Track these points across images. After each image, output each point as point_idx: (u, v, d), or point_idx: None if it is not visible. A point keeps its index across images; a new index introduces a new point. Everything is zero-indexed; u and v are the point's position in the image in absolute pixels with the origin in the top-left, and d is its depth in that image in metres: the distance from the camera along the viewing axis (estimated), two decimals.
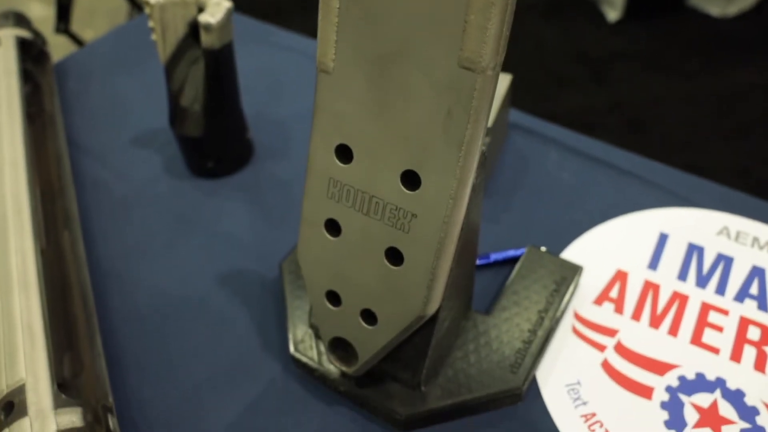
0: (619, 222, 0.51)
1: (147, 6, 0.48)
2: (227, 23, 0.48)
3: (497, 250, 0.48)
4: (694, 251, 0.48)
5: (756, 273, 0.47)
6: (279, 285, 0.47)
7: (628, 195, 0.53)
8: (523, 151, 0.57)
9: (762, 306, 0.45)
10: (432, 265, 0.31)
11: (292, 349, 0.42)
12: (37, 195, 0.48)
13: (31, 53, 0.61)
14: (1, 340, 0.38)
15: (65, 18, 1.19)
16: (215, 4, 0.48)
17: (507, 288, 0.44)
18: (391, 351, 0.36)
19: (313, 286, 0.36)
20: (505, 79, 0.53)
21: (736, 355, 0.42)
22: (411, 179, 0.30)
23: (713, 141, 1.40)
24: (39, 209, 0.46)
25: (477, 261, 0.46)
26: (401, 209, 0.31)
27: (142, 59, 0.70)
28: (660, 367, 0.42)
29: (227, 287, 0.48)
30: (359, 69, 0.29)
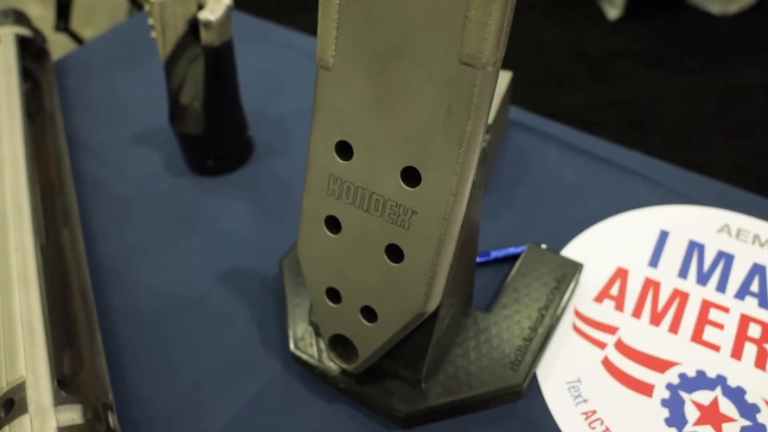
0: (620, 219, 0.51)
1: (147, 3, 0.48)
2: (227, 20, 0.48)
3: (497, 247, 0.48)
4: (694, 249, 0.48)
5: (757, 270, 0.47)
6: (279, 282, 0.47)
7: (628, 192, 0.53)
8: (524, 149, 0.57)
9: (763, 303, 0.45)
10: (432, 262, 0.31)
11: (292, 347, 0.42)
12: (37, 193, 0.48)
13: (31, 51, 0.61)
14: (1, 337, 0.38)
15: (65, 16, 1.19)
16: (215, 1, 0.48)
17: (507, 285, 0.44)
18: (392, 348, 0.36)
19: (313, 283, 0.36)
20: (506, 77, 0.53)
21: (736, 353, 0.42)
22: (411, 176, 0.30)
23: (713, 139, 1.40)
24: (39, 207, 0.46)
25: (477, 258, 0.46)
26: (401, 206, 0.31)
27: (141, 57, 0.69)
28: (660, 365, 0.42)
29: (227, 285, 0.48)
30: (359, 65, 0.29)
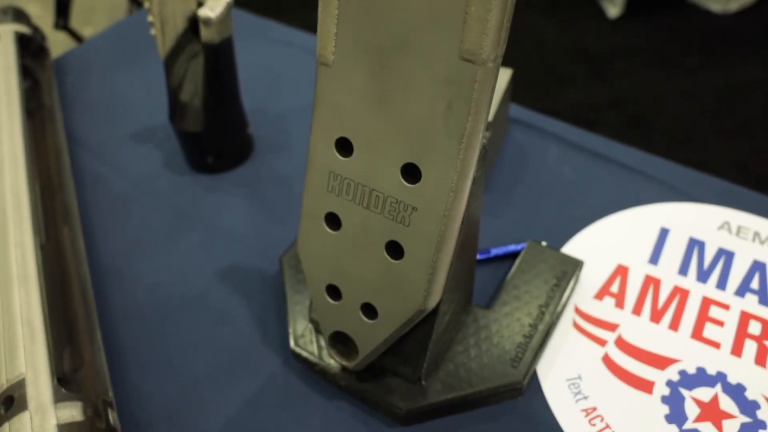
0: (620, 217, 0.51)
1: (146, 1, 0.48)
2: (227, 17, 0.48)
3: (497, 245, 0.48)
4: (695, 246, 0.48)
5: (757, 267, 0.47)
6: (279, 280, 0.47)
7: (628, 190, 0.53)
8: (524, 146, 0.57)
9: (763, 300, 0.45)
10: (432, 259, 0.31)
11: (292, 344, 0.42)
12: (37, 191, 0.48)
13: (30, 49, 0.61)
14: (1, 334, 0.38)
15: (64, 14, 1.19)
16: None
17: (507, 282, 0.44)
18: (392, 345, 0.36)
19: (314, 280, 0.36)
20: (506, 74, 0.53)
21: (736, 350, 0.42)
22: (411, 172, 0.30)
23: (713, 137, 1.40)
24: (39, 205, 0.46)
25: (477, 255, 0.46)
26: (401, 202, 0.31)
27: (141, 55, 0.69)
28: (661, 362, 0.42)
29: (227, 282, 0.48)
30: (359, 61, 0.29)
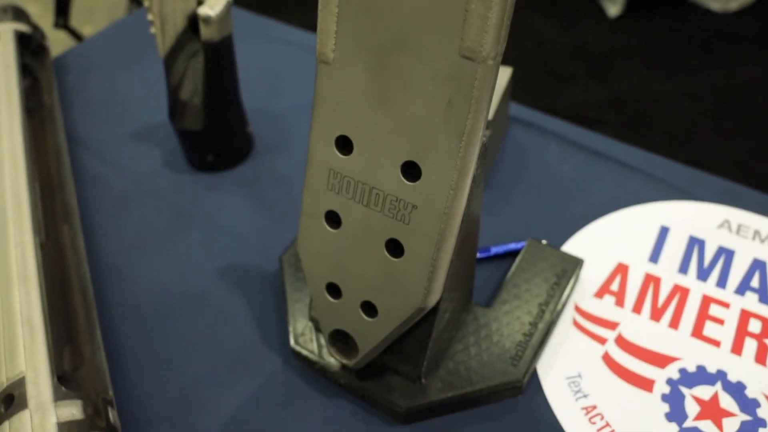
0: (620, 215, 0.51)
1: None
2: (226, 16, 0.48)
3: (498, 243, 0.48)
4: (695, 244, 0.48)
5: (757, 266, 0.47)
6: (279, 279, 0.47)
7: (628, 188, 0.53)
8: (524, 145, 0.57)
9: (763, 299, 0.45)
10: (432, 257, 0.31)
11: (292, 342, 0.42)
12: (37, 190, 0.48)
13: (30, 47, 0.61)
14: (1, 333, 0.38)
15: (64, 13, 1.19)
16: None
17: (507, 281, 0.44)
18: (392, 343, 0.36)
19: (314, 278, 0.36)
20: (506, 72, 0.53)
21: (737, 348, 0.42)
22: (411, 170, 0.30)
23: (713, 138, 1.40)
24: (38, 204, 0.46)
25: (477, 254, 0.46)
26: (401, 200, 0.31)
27: (141, 54, 0.69)
28: (661, 360, 0.42)
29: (227, 281, 0.48)
30: (359, 59, 0.29)
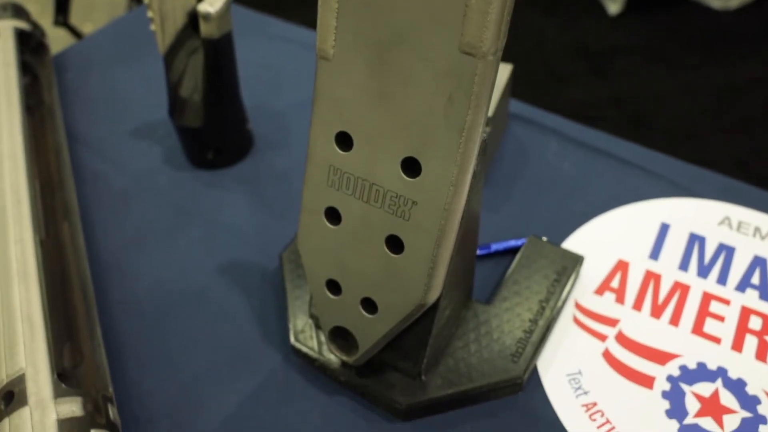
0: (620, 212, 0.51)
1: None
2: (226, 13, 0.48)
3: (498, 240, 0.48)
4: (695, 241, 0.48)
5: (758, 263, 0.47)
6: (279, 276, 0.47)
7: (629, 185, 0.53)
8: (524, 142, 0.57)
9: (764, 296, 0.45)
10: (432, 253, 0.31)
11: (292, 339, 0.42)
12: (37, 187, 0.47)
13: (30, 45, 0.61)
14: (1, 330, 0.38)
15: (64, 10, 1.18)
16: None
17: (508, 278, 0.44)
18: (392, 340, 0.36)
19: (313, 275, 0.35)
20: (506, 69, 0.53)
21: (737, 345, 0.42)
22: (411, 166, 0.30)
23: (714, 136, 1.40)
24: (38, 201, 0.46)
25: (477, 251, 0.46)
26: (401, 197, 0.31)
27: (141, 51, 0.69)
28: (661, 357, 0.42)
29: (227, 278, 0.48)
30: (359, 55, 0.29)
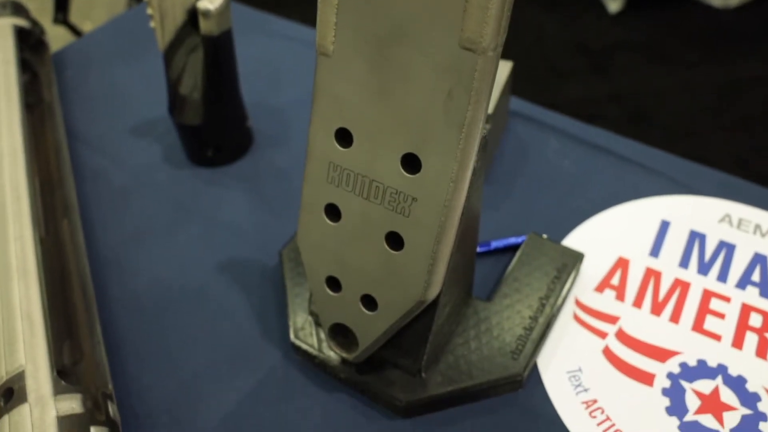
0: (621, 209, 0.51)
1: None
2: (226, 10, 0.48)
3: (498, 237, 0.48)
4: (695, 238, 0.48)
5: (758, 260, 0.47)
6: (279, 273, 0.47)
7: (629, 183, 0.53)
8: (524, 139, 0.57)
9: (764, 293, 0.45)
10: (432, 250, 0.31)
11: (292, 337, 0.42)
12: (36, 185, 0.47)
13: (29, 42, 0.61)
14: (1, 327, 0.38)
15: (63, 8, 1.18)
16: None
17: (508, 275, 0.44)
18: (392, 337, 0.36)
19: (313, 271, 0.35)
20: (506, 67, 0.53)
21: (737, 342, 0.42)
22: (411, 162, 0.30)
23: (714, 134, 1.40)
24: (38, 199, 0.46)
25: (477, 248, 0.46)
26: (401, 193, 0.31)
27: (140, 48, 0.69)
28: (661, 354, 0.42)
29: (227, 275, 0.47)
30: (359, 51, 0.29)
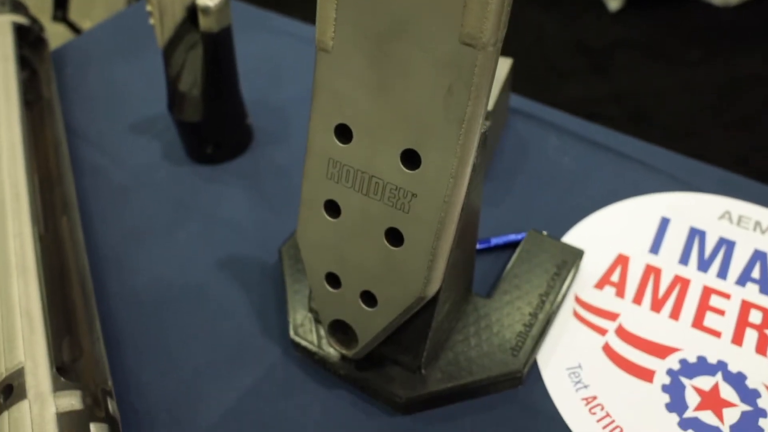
0: (621, 206, 0.51)
1: None
2: (225, 6, 0.48)
3: (498, 234, 0.48)
4: (695, 235, 0.48)
5: (758, 257, 0.47)
6: (278, 270, 0.47)
7: (629, 179, 0.53)
8: (524, 136, 0.57)
9: (764, 290, 0.45)
10: (432, 246, 0.31)
11: (291, 333, 0.42)
12: (36, 182, 0.47)
13: (28, 39, 0.61)
14: (0, 324, 0.38)
15: (63, 5, 1.18)
16: None
17: (508, 272, 0.44)
18: (392, 334, 0.36)
19: (313, 268, 0.35)
20: (506, 64, 0.52)
21: (737, 339, 0.42)
22: (411, 158, 0.30)
23: (714, 132, 1.40)
24: (37, 196, 0.46)
25: (477, 245, 0.46)
26: (401, 189, 0.31)
27: (140, 46, 0.69)
28: (661, 351, 0.42)
29: (226, 273, 0.47)
30: (359, 47, 0.29)
